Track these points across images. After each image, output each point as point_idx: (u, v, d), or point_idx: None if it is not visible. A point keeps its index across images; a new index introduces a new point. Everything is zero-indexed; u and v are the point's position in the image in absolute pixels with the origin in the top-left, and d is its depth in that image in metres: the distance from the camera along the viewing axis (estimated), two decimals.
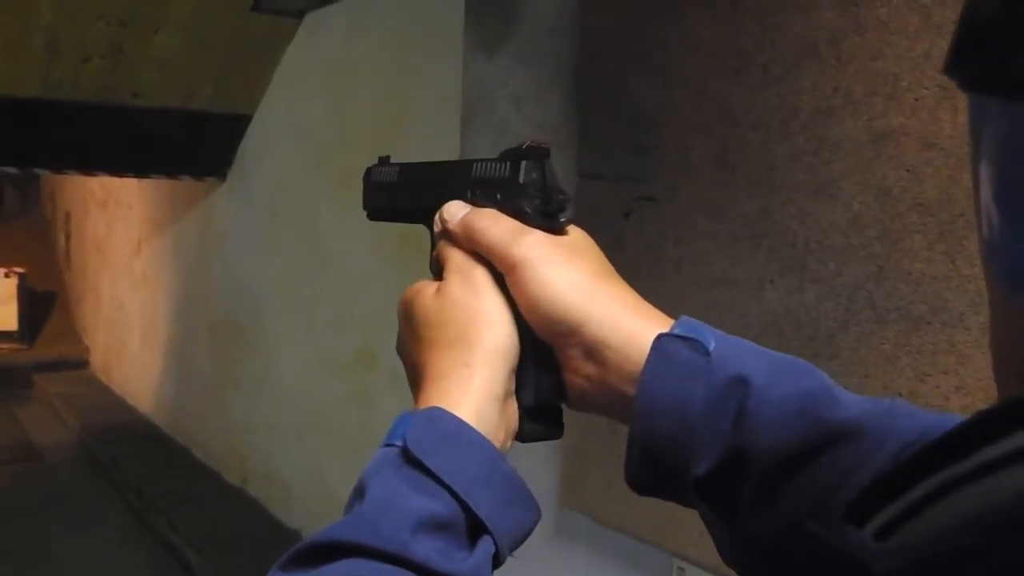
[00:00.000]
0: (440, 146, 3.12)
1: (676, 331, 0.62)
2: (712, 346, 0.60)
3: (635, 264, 2.11)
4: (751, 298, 1.96)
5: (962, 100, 1.34)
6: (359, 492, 0.60)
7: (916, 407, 0.57)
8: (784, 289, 1.89)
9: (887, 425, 0.54)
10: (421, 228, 0.80)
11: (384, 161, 0.86)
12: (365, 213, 0.88)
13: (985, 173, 0.33)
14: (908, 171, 1.67)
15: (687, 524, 2.09)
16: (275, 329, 5.34)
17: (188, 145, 5.62)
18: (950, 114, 1.59)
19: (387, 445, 0.62)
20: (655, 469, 0.62)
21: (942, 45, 1.61)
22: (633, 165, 2.21)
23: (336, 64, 4.61)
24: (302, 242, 4.95)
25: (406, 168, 0.83)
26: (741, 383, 0.58)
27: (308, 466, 4.94)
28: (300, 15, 4.86)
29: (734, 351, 0.61)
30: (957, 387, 1.60)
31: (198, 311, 6.54)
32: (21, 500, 6.05)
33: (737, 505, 0.58)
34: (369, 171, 0.86)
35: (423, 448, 0.60)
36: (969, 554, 0.28)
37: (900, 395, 1.67)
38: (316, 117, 4.76)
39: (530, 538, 0.65)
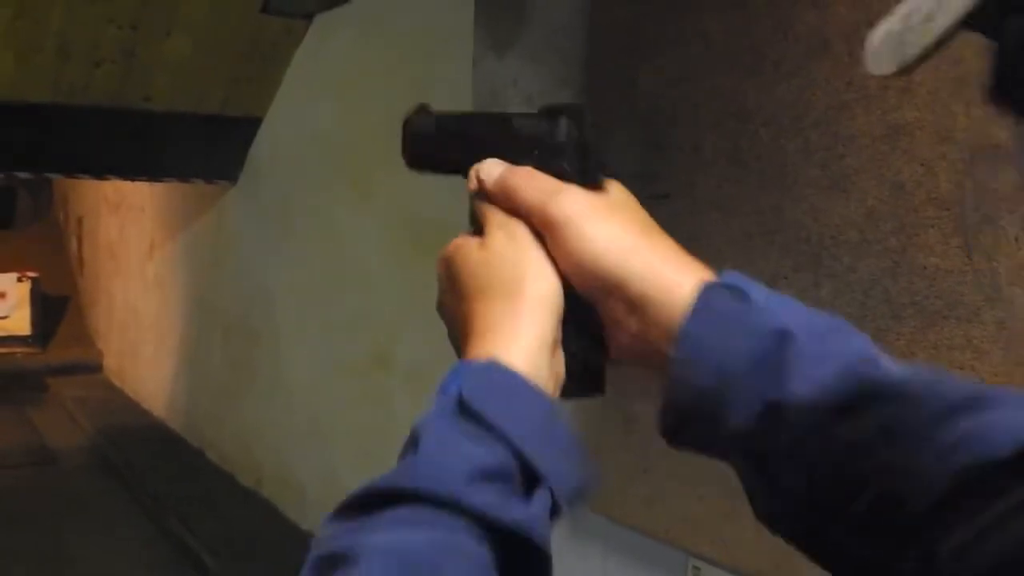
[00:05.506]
0: None
1: (722, 280, 0.62)
2: (756, 297, 0.60)
3: None
4: None
5: (975, 93, 1.32)
6: (413, 441, 0.59)
7: (956, 376, 0.56)
8: (799, 285, 1.88)
9: (929, 389, 0.54)
10: (435, 229, 0.79)
11: (423, 109, 0.85)
12: (404, 161, 0.87)
13: None
14: (922, 165, 1.66)
15: (703, 523, 2.08)
16: (289, 331, 5.35)
17: (200, 148, 5.64)
18: (964, 107, 1.58)
19: (440, 395, 0.61)
20: (691, 419, 0.61)
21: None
22: (646, 162, 2.21)
23: (346, 65, 4.62)
24: (315, 244, 4.96)
25: (443, 119, 0.82)
26: (783, 336, 0.57)
27: (322, 468, 4.94)
28: (310, 17, 4.86)
29: (777, 304, 0.60)
30: (973, 382, 1.59)
31: (211, 314, 6.56)
32: (36, 503, 6.07)
33: (772, 459, 0.58)
34: (407, 120, 0.86)
35: (480, 399, 0.59)
36: None
37: None
38: (327, 118, 4.76)
39: None
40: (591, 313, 0.67)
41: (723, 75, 2.04)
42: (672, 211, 2.10)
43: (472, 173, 0.73)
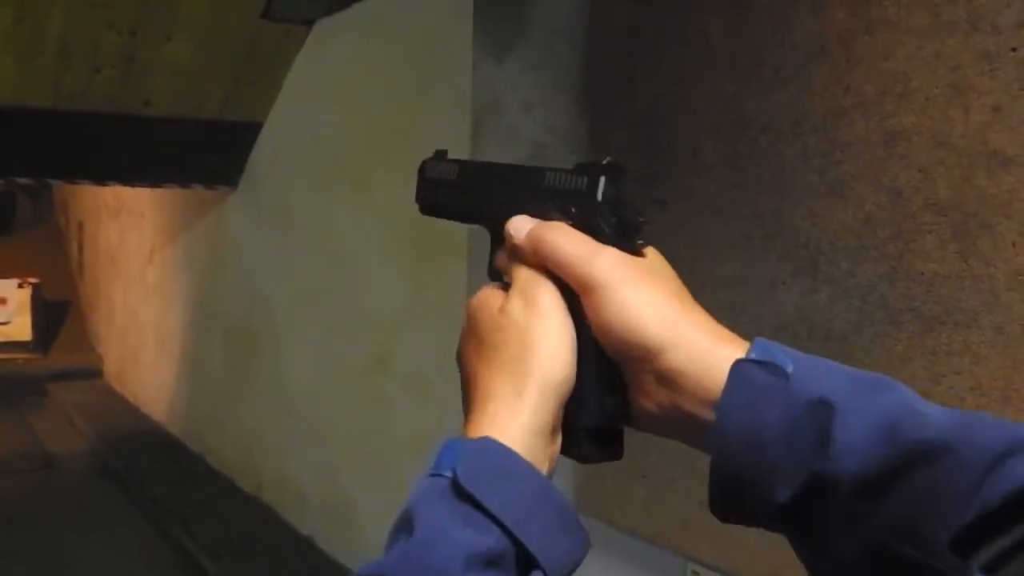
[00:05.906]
0: (451, 151, 3.13)
1: (753, 355, 0.61)
2: (790, 369, 0.59)
3: None
4: (764, 299, 1.95)
5: (973, 99, 1.34)
6: (406, 524, 0.59)
7: (998, 419, 0.56)
8: (797, 290, 1.89)
9: (972, 439, 0.53)
10: (436, 233, 0.79)
11: (440, 155, 0.83)
12: (417, 206, 0.85)
13: None
14: (920, 171, 1.66)
15: (702, 528, 2.09)
16: (289, 335, 5.35)
17: (199, 154, 5.64)
18: (961, 113, 1.59)
19: (434, 474, 0.61)
20: (736, 496, 0.61)
21: (952, 44, 1.60)
22: (645, 164, 2.21)
23: (346, 71, 4.62)
24: (315, 248, 4.96)
25: (466, 167, 0.80)
26: (822, 405, 0.57)
27: (322, 472, 4.95)
28: (310, 23, 4.87)
29: (813, 372, 0.59)
30: (972, 388, 1.60)
31: (211, 318, 6.56)
32: (37, 508, 6.07)
33: (822, 530, 0.57)
34: (424, 165, 0.84)
35: (474, 482, 0.59)
36: None
37: None
38: (327, 124, 4.77)
39: None
40: (617, 377, 0.66)
41: (721, 80, 2.05)
42: (671, 216, 2.10)
43: (505, 228, 0.72)
